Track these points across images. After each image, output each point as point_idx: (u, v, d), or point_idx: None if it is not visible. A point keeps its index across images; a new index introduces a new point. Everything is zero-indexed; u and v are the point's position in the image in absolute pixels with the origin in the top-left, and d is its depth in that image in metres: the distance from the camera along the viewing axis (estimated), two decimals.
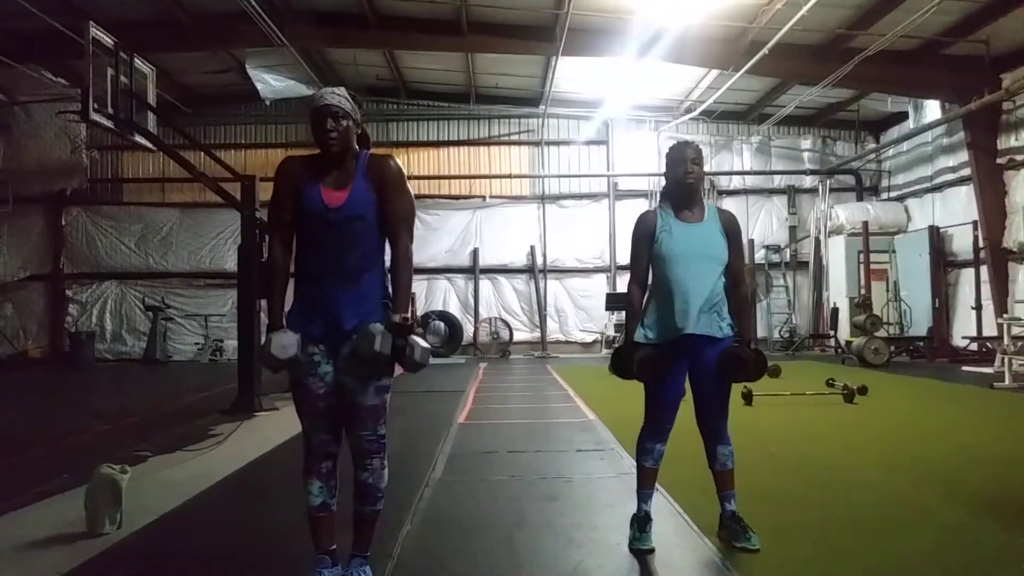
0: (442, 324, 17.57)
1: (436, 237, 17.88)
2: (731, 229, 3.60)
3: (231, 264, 15.11)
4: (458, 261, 18.18)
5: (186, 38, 13.68)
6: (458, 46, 14.58)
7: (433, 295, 17.94)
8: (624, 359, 3.58)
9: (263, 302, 8.12)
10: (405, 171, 3.08)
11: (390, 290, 3.01)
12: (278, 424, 7.30)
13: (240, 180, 8.97)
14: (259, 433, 7.05)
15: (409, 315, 2.96)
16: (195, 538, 3.97)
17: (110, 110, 8.03)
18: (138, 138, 8.73)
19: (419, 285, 17.17)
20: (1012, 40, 12.79)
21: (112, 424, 7.58)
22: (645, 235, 3.57)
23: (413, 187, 3.11)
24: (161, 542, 3.90)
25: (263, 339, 2.94)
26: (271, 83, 15.94)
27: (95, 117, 7.80)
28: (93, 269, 18.00)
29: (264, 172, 11.81)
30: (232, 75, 16.16)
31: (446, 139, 18.66)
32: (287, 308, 3.01)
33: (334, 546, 3.02)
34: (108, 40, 8.06)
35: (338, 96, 2.96)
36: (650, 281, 3.62)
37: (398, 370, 2.99)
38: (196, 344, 17.51)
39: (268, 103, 16.74)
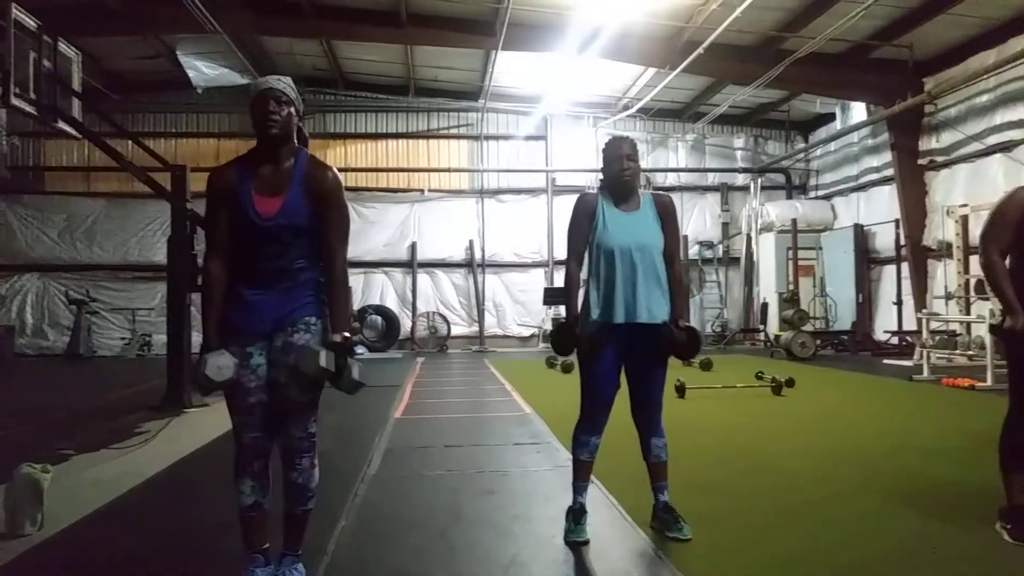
0: (379, 318, 17.43)
1: (374, 230, 17.69)
2: (666, 212, 3.68)
3: (160, 256, 14.58)
4: (396, 255, 18.04)
5: (114, 22, 13.18)
6: (397, 38, 14.43)
7: (370, 289, 17.77)
8: (565, 335, 3.62)
9: (193, 296, 7.94)
10: (342, 163, 3.05)
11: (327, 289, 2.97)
12: (209, 421, 7.13)
13: (170, 170, 8.71)
14: (189, 430, 6.89)
15: (350, 335, 2.93)
16: (121, 538, 3.86)
17: (32, 95, 7.72)
18: (61, 125, 8.42)
19: (356, 279, 16.98)
20: (934, 45, 13.34)
21: (33, 422, 7.31)
22: (585, 214, 3.63)
23: (350, 179, 3.10)
24: (85, 543, 3.78)
25: (198, 359, 2.85)
26: (203, 71, 15.52)
27: (16, 102, 7.48)
28: (12, 261, 17.22)
29: (195, 162, 11.56)
30: (162, 61, 15.67)
31: (384, 131, 18.47)
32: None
33: (267, 544, 2.97)
34: (31, 22, 7.75)
35: (283, 83, 2.90)
36: (587, 272, 3.67)
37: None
38: (123, 339, 16.95)
39: (200, 91, 16.27)
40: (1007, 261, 3.53)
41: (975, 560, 3.24)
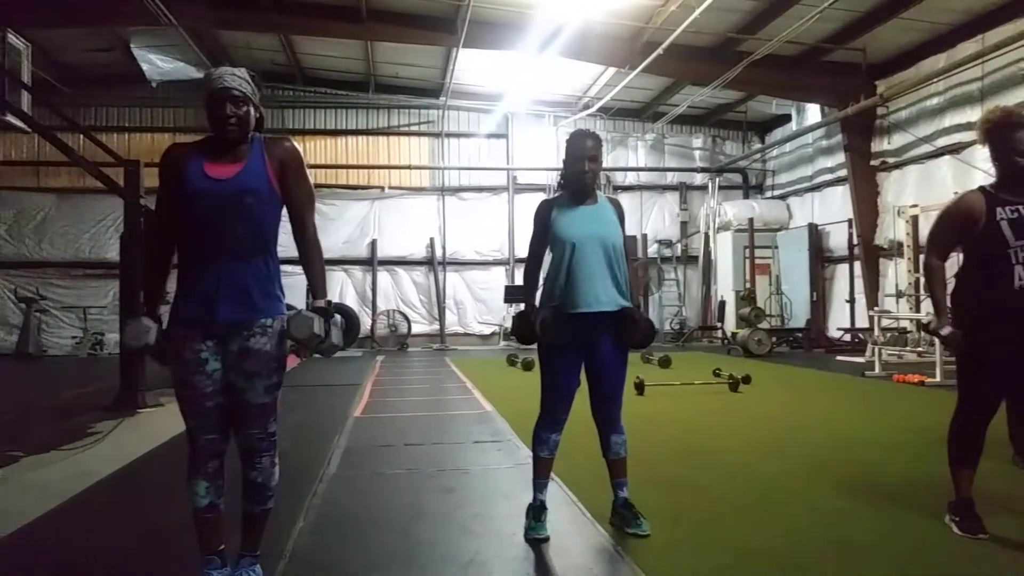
0: (338, 317, 17.09)
1: (333, 227, 17.52)
2: (620, 213, 3.76)
3: (113, 254, 14.34)
4: (356, 252, 17.90)
5: (66, 13, 12.80)
6: (357, 33, 14.31)
7: (330, 287, 17.36)
8: (526, 324, 3.64)
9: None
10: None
11: (299, 256, 2.93)
12: (163, 421, 7.00)
13: (123, 165, 8.53)
14: (142, 430, 6.76)
15: (330, 299, 2.93)
16: (73, 541, 3.77)
17: None
18: (10, 118, 8.19)
19: None
20: (887, 49, 13.64)
21: None
22: (542, 219, 3.69)
23: (309, 176, 3.03)
24: (32, 548, 3.68)
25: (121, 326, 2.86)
26: (158, 64, 15.21)
27: None
28: None
29: (150, 157, 11.25)
30: (116, 54, 15.30)
31: (344, 128, 18.32)
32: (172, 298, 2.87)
33: (223, 546, 2.91)
34: None
35: (238, 79, 2.78)
36: (547, 266, 3.71)
37: (289, 365, 2.92)
38: (74, 337, 16.56)
39: (155, 85, 15.95)
40: (960, 260, 3.64)
41: (926, 553, 3.32)
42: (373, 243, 17.93)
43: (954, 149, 12.45)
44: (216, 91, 2.76)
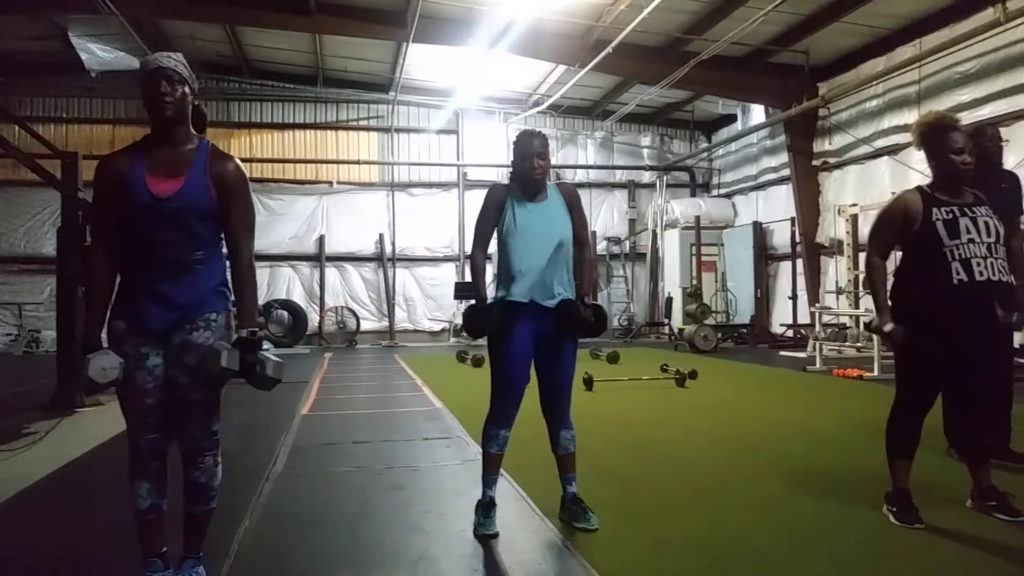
0: (285, 313, 17.03)
1: (280, 223, 17.25)
2: (572, 199, 3.76)
3: (50, 248, 13.89)
4: (303, 248, 17.66)
5: (2, 0, 12.39)
6: (305, 26, 14.08)
7: (276, 283, 17.32)
8: (475, 317, 3.64)
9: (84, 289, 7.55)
10: (247, 153, 2.95)
11: (230, 280, 2.87)
12: (103, 420, 6.81)
13: (61, 157, 8.26)
14: (81, 430, 6.56)
15: (257, 329, 2.81)
16: (8, 545, 3.64)
17: None
18: None
19: (261, 273, 16.48)
20: (828, 52, 13.99)
21: None
22: (495, 204, 3.68)
23: (256, 170, 2.99)
24: None
25: (81, 360, 2.66)
26: (98, 54, 14.79)
27: None
28: None
29: (89, 149, 11.02)
30: (54, 43, 14.78)
31: (291, 122, 18.03)
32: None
33: (165, 548, 2.86)
34: None
35: (173, 60, 2.74)
36: (496, 268, 3.71)
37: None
38: (8, 335, 15.99)
39: (94, 75, 15.49)
40: (899, 258, 3.75)
41: (864, 543, 3.41)
42: (321, 239, 17.71)
43: (892, 150, 12.83)
44: (150, 72, 2.71)
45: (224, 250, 2.88)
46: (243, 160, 3.02)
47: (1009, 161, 7.36)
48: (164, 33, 14.92)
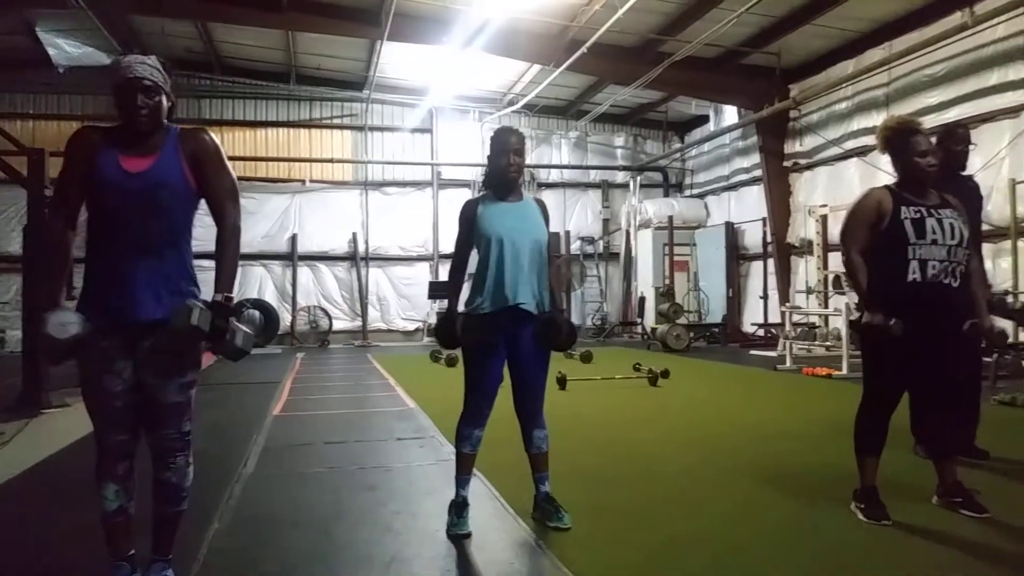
0: (257, 313, 16.85)
1: (252, 221, 17.04)
2: (546, 214, 3.79)
3: (15, 247, 13.61)
4: (275, 247, 17.51)
5: None
6: (277, 23, 13.97)
7: (248, 282, 17.15)
8: (447, 328, 3.63)
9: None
10: None
11: (196, 278, 2.83)
12: (70, 422, 6.69)
13: (27, 154, 8.10)
14: (48, 432, 6.45)
15: (232, 296, 2.77)
16: None
17: None
18: None
19: None
20: (799, 54, 14.16)
21: None
22: (467, 220, 3.68)
23: (231, 168, 2.93)
24: None
25: (40, 319, 2.56)
26: (66, 49, 14.51)
27: None
28: None
29: (56, 146, 10.70)
30: (21, 38, 14.45)
31: (264, 119, 17.88)
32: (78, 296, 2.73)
33: (133, 551, 2.81)
34: None
35: (148, 67, 2.65)
36: (474, 266, 3.71)
37: (205, 362, 2.82)
38: None
39: (62, 71, 15.20)
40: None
41: (832, 539, 3.45)
42: (293, 238, 17.57)
43: (861, 151, 13.02)
44: (126, 81, 2.63)
45: (191, 240, 2.82)
46: None
47: (975, 163, 7.51)
48: (134, 29, 14.70)
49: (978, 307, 3.75)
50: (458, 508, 3.61)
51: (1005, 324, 4.52)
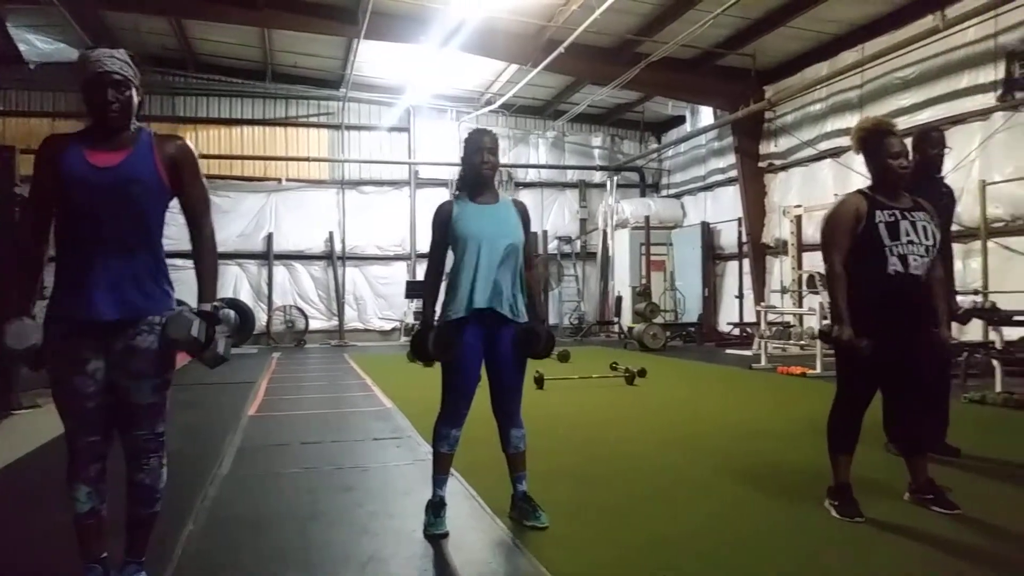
0: (232, 312, 16.69)
1: (227, 220, 16.89)
2: (525, 217, 3.75)
3: None
4: (251, 246, 17.35)
5: None
6: (253, 20, 13.83)
7: (223, 282, 16.93)
8: (421, 342, 3.61)
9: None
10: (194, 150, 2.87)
11: (170, 279, 2.80)
12: (40, 423, 6.60)
13: None
14: (17, 434, 6.36)
15: (220, 304, 2.80)
16: None
17: None
18: None
19: None
20: (774, 56, 14.28)
21: None
22: (442, 223, 3.65)
23: (202, 167, 2.91)
24: None
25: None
26: (37, 45, 14.30)
27: None
28: None
29: (26, 143, 10.56)
30: None
31: (239, 117, 17.70)
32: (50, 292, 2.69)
33: (105, 553, 2.77)
34: None
35: (118, 61, 2.62)
36: (449, 268, 3.70)
37: (180, 363, 2.79)
38: None
39: (33, 67, 14.96)
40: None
41: (806, 536, 3.49)
42: (269, 237, 17.43)
43: (835, 153, 13.16)
44: (95, 75, 2.59)
45: (163, 241, 2.79)
46: None
47: (946, 165, 7.61)
48: (107, 25, 14.49)
49: (940, 317, 3.81)
50: (435, 508, 3.61)
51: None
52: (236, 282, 17.21)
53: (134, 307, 2.66)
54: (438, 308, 3.70)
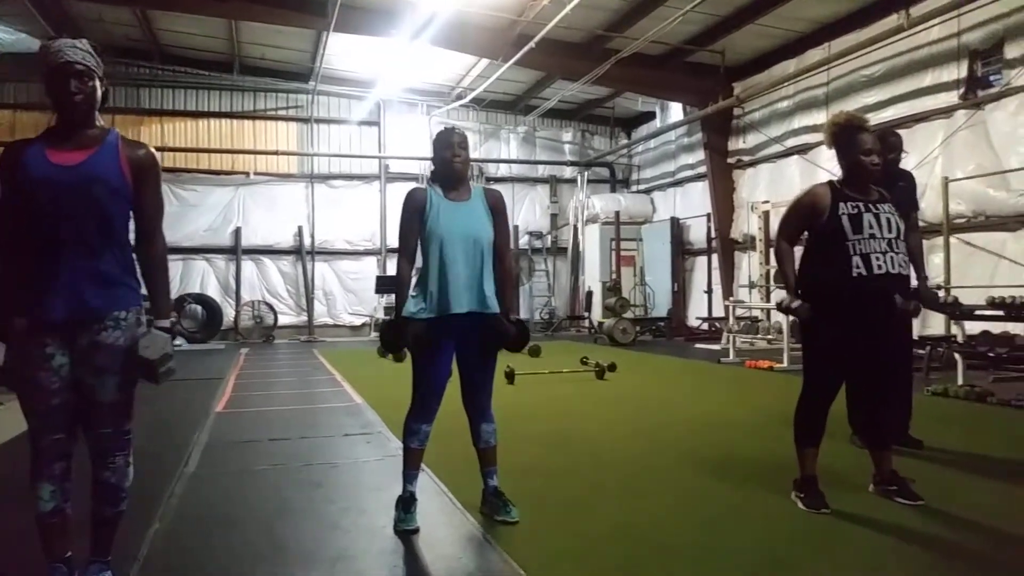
0: (199, 308, 16.50)
1: (194, 214, 16.68)
2: (496, 206, 3.73)
3: None
4: (218, 240, 17.12)
5: None
6: (220, 11, 13.60)
7: (190, 276, 16.76)
8: (394, 333, 3.60)
9: None
10: (159, 141, 2.84)
11: (140, 276, 2.76)
12: (3, 421, 6.46)
13: None
14: None
15: (176, 320, 2.77)
16: None
17: None
18: None
19: (174, 266, 15.93)
20: (743, 53, 14.41)
21: None
22: (414, 210, 3.62)
23: (168, 159, 2.89)
24: None
25: None
26: None
27: None
28: None
29: None
30: None
31: (206, 110, 17.41)
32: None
33: (69, 553, 2.72)
34: None
35: (80, 51, 2.57)
36: (419, 260, 3.67)
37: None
38: None
39: None
40: (805, 247, 3.90)
41: (775, 528, 3.54)
42: (237, 231, 17.21)
43: (802, 149, 13.32)
44: (57, 66, 2.54)
45: (132, 241, 2.76)
46: (155, 149, 2.91)
47: (910, 162, 7.75)
48: (70, 15, 14.17)
49: (910, 294, 3.89)
50: (405, 503, 3.60)
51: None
52: (203, 277, 16.97)
53: (92, 307, 2.61)
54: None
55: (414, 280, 3.68)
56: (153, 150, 2.79)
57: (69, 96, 2.56)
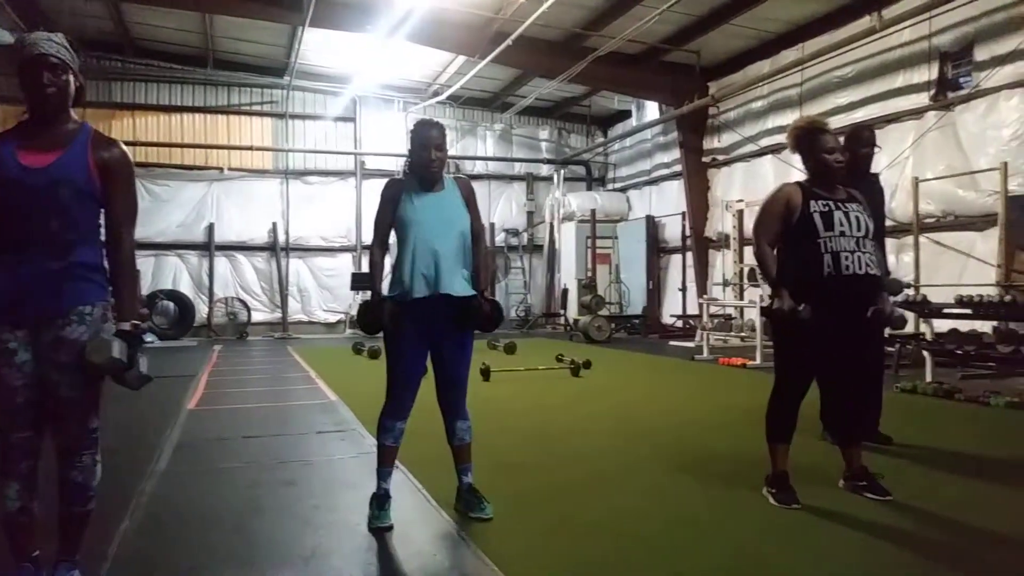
0: (171, 304, 16.31)
1: (167, 210, 16.48)
2: (468, 194, 3.76)
3: None
4: (191, 236, 16.92)
5: None
6: (193, 5, 13.46)
7: (162, 273, 16.56)
8: (372, 314, 3.59)
9: None
10: (131, 136, 2.80)
11: (109, 271, 2.72)
12: None
13: None
14: None
15: (140, 323, 2.71)
16: None
17: None
18: None
19: (146, 262, 15.76)
20: (718, 53, 14.51)
21: None
22: (391, 198, 3.63)
23: (140, 154, 2.85)
24: None
25: None
26: None
27: None
28: None
29: None
30: None
31: (179, 104, 17.20)
32: None
33: (37, 552, 2.69)
34: None
35: (55, 44, 2.54)
36: (396, 251, 3.68)
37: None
38: None
39: None
40: (776, 248, 3.94)
41: (746, 522, 3.58)
42: (210, 227, 17.02)
43: (775, 149, 13.42)
44: (32, 58, 2.52)
45: (102, 238, 2.72)
46: (126, 144, 2.86)
47: (881, 162, 7.85)
48: (40, 8, 13.89)
49: (881, 295, 3.93)
50: (380, 501, 3.59)
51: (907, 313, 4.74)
52: (176, 273, 16.78)
53: (55, 302, 2.58)
54: (385, 285, 3.68)
55: (389, 264, 3.69)
56: (125, 149, 2.75)
57: (42, 88, 2.53)
